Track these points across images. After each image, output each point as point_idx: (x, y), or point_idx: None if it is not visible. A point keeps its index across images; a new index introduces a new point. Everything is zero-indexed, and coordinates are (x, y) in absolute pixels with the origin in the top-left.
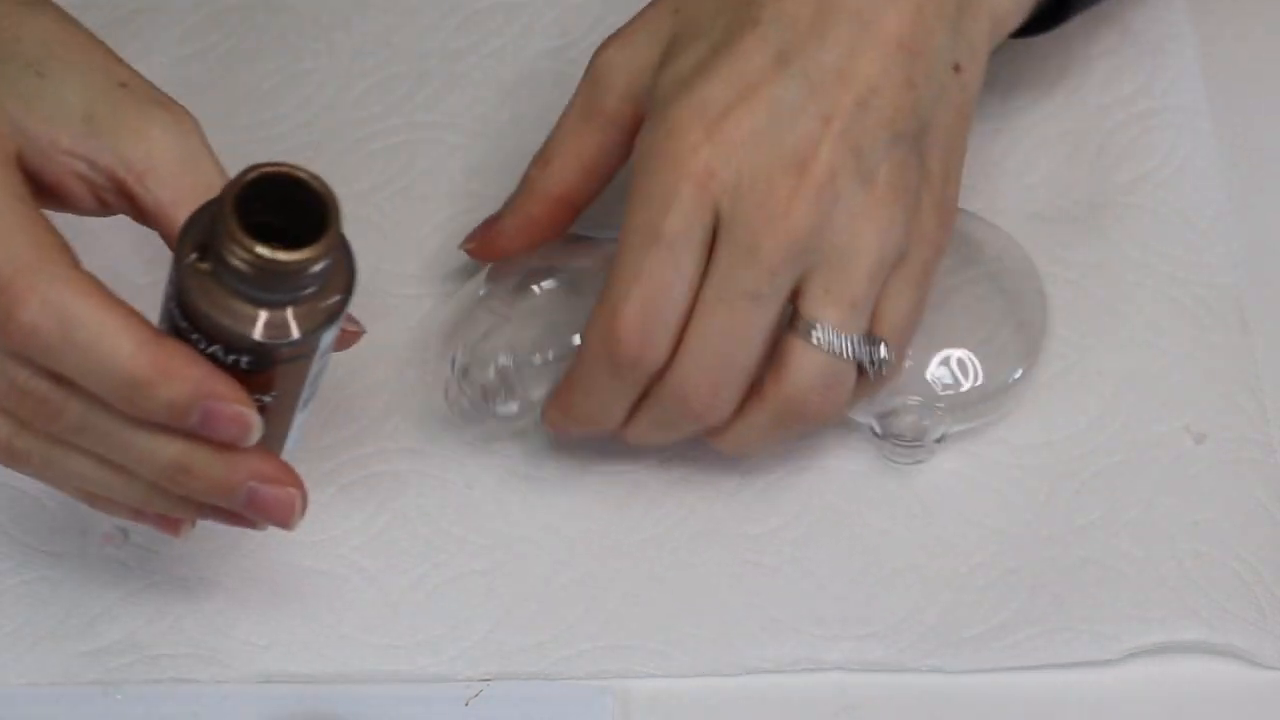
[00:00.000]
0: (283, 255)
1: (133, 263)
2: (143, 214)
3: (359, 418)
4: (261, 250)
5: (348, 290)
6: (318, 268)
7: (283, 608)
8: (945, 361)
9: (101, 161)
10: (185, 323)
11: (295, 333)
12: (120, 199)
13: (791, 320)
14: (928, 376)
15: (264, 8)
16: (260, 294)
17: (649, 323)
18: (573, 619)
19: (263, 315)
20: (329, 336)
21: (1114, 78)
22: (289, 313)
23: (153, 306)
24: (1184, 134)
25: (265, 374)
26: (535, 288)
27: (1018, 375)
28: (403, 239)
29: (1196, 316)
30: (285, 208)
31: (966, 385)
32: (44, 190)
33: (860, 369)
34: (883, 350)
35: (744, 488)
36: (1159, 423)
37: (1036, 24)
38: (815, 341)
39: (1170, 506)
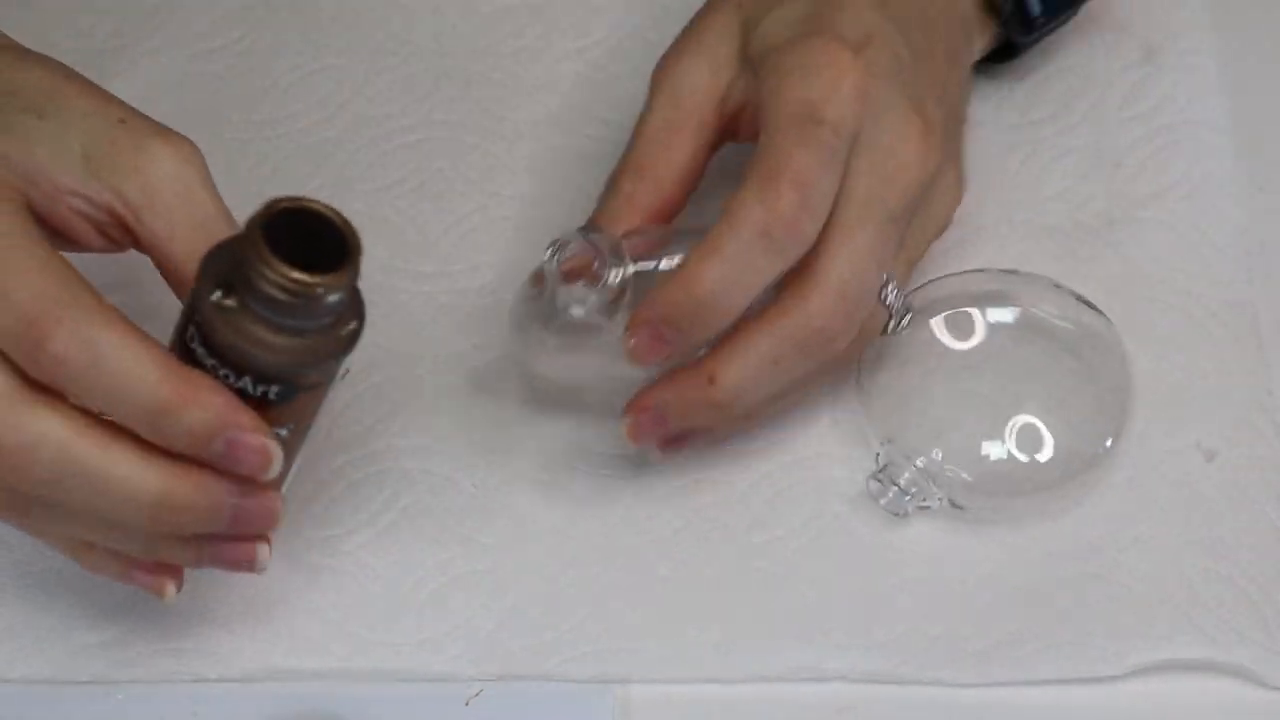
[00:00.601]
0: (318, 277)
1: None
2: (141, 247)
3: (368, 415)
4: (297, 274)
5: (361, 316)
6: (343, 294)
7: (288, 604)
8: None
9: (100, 199)
10: (212, 360)
11: (321, 360)
12: (123, 234)
13: None
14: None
15: (284, 5)
16: (289, 321)
17: (807, 194)
18: (576, 621)
19: (292, 344)
20: (344, 365)
21: (1134, 93)
22: (315, 341)
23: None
24: (1202, 150)
25: (288, 405)
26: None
27: (1107, 445)
28: (418, 237)
29: (1210, 332)
30: (300, 241)
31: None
32: (52, 231)
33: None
34: (908, 316)
35: (751, 495)
36: (1169, 438)
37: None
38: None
39: (1179, 523)
